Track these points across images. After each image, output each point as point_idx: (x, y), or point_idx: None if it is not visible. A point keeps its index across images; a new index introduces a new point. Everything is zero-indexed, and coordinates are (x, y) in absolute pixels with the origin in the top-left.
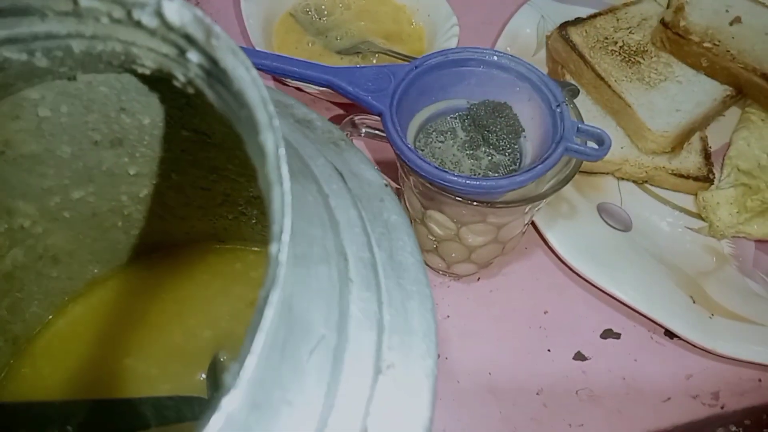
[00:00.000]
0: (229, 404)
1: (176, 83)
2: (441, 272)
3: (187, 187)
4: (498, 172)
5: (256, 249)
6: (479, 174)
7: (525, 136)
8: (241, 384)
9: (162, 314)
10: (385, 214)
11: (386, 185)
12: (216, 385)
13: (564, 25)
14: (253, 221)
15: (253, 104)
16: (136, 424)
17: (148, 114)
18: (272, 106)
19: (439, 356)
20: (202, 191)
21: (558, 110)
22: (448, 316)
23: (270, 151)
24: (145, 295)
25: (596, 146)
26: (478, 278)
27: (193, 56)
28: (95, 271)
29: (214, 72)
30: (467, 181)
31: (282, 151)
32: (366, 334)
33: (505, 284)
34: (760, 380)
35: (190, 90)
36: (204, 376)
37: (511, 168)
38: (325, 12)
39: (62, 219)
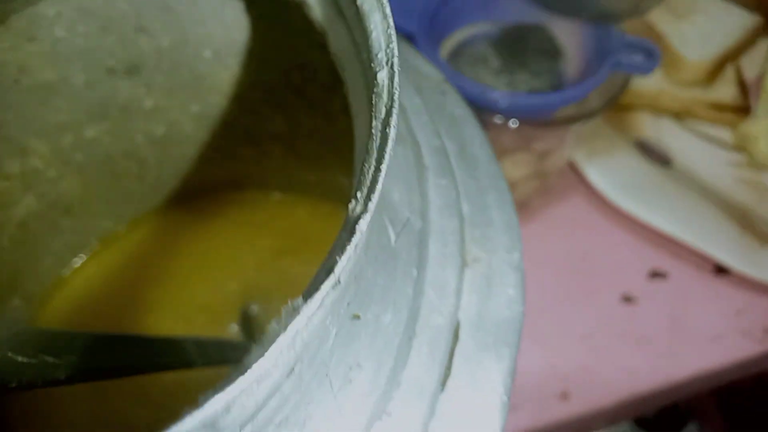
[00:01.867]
0: (360, 233)
1: None
2: None
3: (206, 121)
4: None
5: (277, 196)
6: None
7: (564, 59)
8: (370, 207)
9: (184, 268)
10: (448, 107)
11: (445, 80)
12: (250, 336)
13: None
14: (277, 161)
15: None
16: (179, 362)
17: (168, 34)
18: None
19: None
20: (222, 128)
21: (603, 26)
22: None
23: (383, 82)
24: (164, 250)
25: (645, 59)
26: None
27: None
28: (110, 225)
29: None
30: (513, 99)
31: (392, 22)
32: (448, 222)
33: (545, 230)
34: None
35: None
36: (236, 327)
37: None
38: None
39: (75, 162)
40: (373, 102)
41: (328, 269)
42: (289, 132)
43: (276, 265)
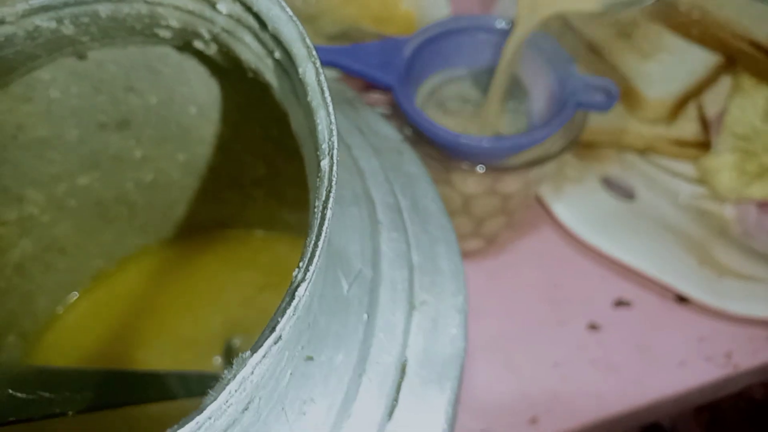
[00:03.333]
0: (299, 298)
1: (198, 44)
2: None
3: (192, 168)
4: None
5: (260, 233)
6: None
7: (530, 100)
8: (309, 276)
9: (171, 304)
10: (404, 166)
11: (403, 140)
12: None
13: None
14: (259, 204)
15: (290, 39)
16: (164, 395)
17: (156, 92)
18: (310, 40)
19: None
20: (208, 174)
21: (565, 68)
22: None
23: (312, 81)
24: (153, 287)
25: (605, 97)
26: (487, 256)
27: (223, 6)
28: (101, 264)
29: (244, 19)
30: (482, 143)
31: (323, 78)
32: (398, 272)
33: (514, 261)
34: None
35: (212, 49)
36: (219, 359)
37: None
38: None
39: (68, 208)
40: (317, 185)
41: (271, 328)
42: (270, 177)
43: (258, 300)
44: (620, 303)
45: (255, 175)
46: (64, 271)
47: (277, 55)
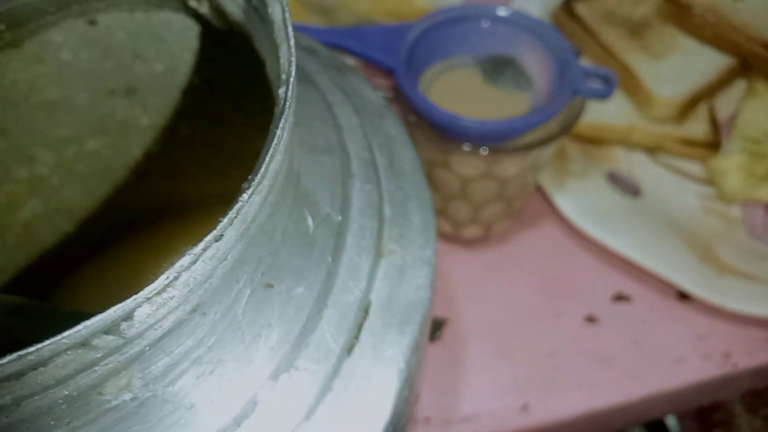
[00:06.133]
0: (242, 203)
1: (192, 2)
2: (449, 240)
3: (196, 140)
4: None
5: None
6: None
7: (533, 89)
8: (254, 186)
9: None
10: (385, 127)
11: (387, 105)
12: None
13: (569, 0)
14: None
15: None
16: None
17: (162, 60)
18: None
19: (448, 319)
20: (211, 147)
21: (565, 56)
22: (457, 284)
23: (278, 18)
24: (157, 255)
25: (603, 85)
26: (487, 247)
27: None
28: (108, 230)
29: None
30: (482, 126)
31: (288, 15)
32: (368, 220)
33: (514, 253)
34: None
35: (204, 6)
36: None
37: None
38: None
39: (77, 172)
40: (275, 112)
41: (217, 228)
42: None
43: None
44: (620, 297)
45: (256, 149)
46: (71, 235)
47: (254, 2)
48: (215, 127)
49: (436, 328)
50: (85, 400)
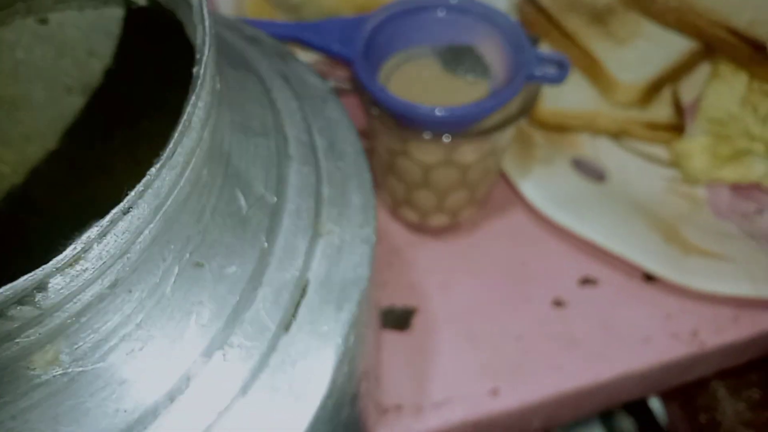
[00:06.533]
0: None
1: None
2: (417, 229)
3: (155, 133)
4: None
5: None
6: None
7: (491, 76)
8: (164, 160)
9: None
10: (327, 111)
11: (331, 91)
12: None
13: None
14: None
15: None
16: None
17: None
18: None
19: (417, 308)
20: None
21: (520, 43)
22: (426, 273)
23: (195, 2)
24: None
25: (557, 70)
26: (455, 235)
27: None
28: (79, 229)
29: None
30: (438, 113)
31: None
32: (305, 200)
33: (482, 240)
34: (736, 317)
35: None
36: None
37: None
38: None
39: (39, 169)
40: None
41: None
42: None
43: None
44: (586, 281)
45: None
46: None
47: None
48: (174, 119)
49: (407, 318)
50: (14, 375)
